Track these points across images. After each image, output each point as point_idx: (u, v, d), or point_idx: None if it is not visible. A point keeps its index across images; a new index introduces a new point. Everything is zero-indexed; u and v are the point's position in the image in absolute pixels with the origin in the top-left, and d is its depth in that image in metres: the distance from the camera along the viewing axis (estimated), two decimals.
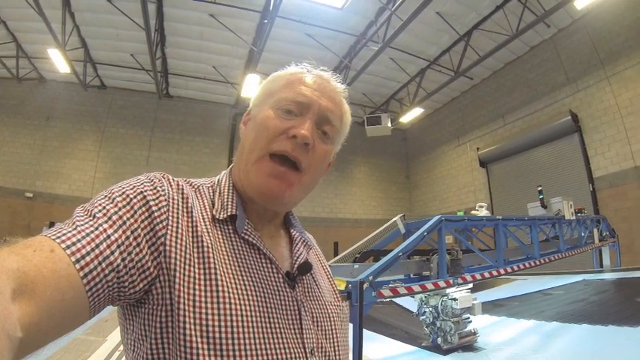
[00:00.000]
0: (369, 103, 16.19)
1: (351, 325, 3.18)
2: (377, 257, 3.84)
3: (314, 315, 0.81)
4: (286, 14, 10.39)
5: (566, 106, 12.07)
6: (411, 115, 15.87)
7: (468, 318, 4.31)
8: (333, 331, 0.84)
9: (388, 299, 3.83)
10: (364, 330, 5.33)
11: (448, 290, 4.12)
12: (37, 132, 14.05)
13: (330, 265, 3.47)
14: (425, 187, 18.66)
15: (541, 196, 6.47)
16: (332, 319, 0.85)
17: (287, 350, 0.71)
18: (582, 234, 7.01)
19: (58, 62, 11.37)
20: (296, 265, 0.84)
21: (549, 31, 12.34)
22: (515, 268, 4.80)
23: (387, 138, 16.26)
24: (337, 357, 0.82)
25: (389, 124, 14.41)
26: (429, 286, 3.64)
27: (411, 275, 4.10)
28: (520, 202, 11.58)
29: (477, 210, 5.31)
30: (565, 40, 12.19)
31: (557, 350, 3.89)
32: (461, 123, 16.38)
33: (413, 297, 4.39)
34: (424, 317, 4.52)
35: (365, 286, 3.07)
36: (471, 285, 4.24)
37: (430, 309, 4.41)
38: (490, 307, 5.97)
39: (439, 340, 4.30)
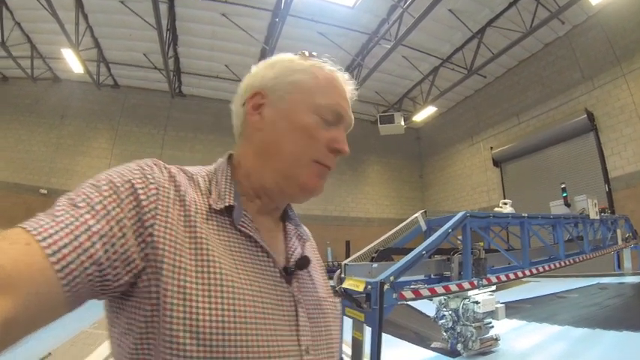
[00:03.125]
0: (382, 102, 16.10)
1: (368, 330, 3.08)
2: (395, 256, 3.73)
3: (309, 311, 0.78)
4: (297, 13, 10.41)
5: (581, 104, 11.85)
6: (425, 114, 15.75)
7: (490, 322, 4.17)
8: (328, 328, 0.82)
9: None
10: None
11: (470, 293, 4.00)
12: (51, 130, 14.25)
13: (346, 264, 3.37)
14: (438, 186, 18.49)
15: (564, 194, 6.30)
16: (327, 315, 0.83)
17: (281, 347, 0.68)
18: (606, 235, 6.84)
19: (72, 62, 11.49)
20: (292, 260, 0.81)
21: (564, 28, 12.10)
22: (541, 269, 4.67)
23: (400, 137, 16.13)
24: (331, 354, 0.80)
25: (402, 123, 14.28)
26: (453, 287, 3.52)
27: (432, 276, 3.98)
28: (535, 202, 11.43)
29: (501, 207, 5.14)
30: (580, 36, 11.95)
31: (570, 355, 3.77)
32: (475, 122, 16.20)
33: (431, 300, 4.29)
34: (443, 321, 4.37)
35: (385, 287, 2.92)
36: (494, 287, 4.12)
37: (450, 312, 4.28)
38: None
39: (459, 345, 4.17)
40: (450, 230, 3.58)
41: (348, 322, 3.50)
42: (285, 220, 0.91)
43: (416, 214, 4.22)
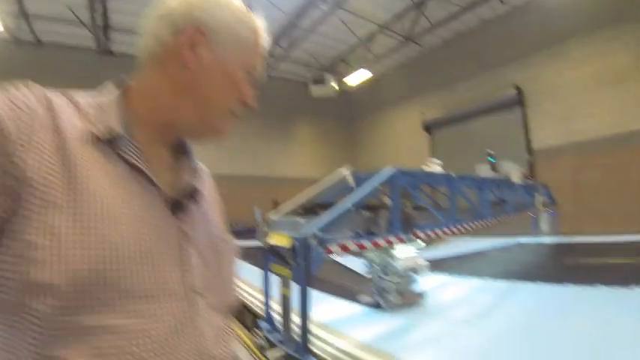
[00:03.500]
0: (316, 64, 15.89)
1: (295, 286, 2.96)
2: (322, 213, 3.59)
3: (201, 250, 0.74)
4: None
5: (511, 80, 12.50)
6: (358, 78, 15.81)
7: (413, 277, 4.16)
8: (222, 269, 0.80)
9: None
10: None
11: (395, 250, 3.96)
12: None
13: (271, 220, 3.19)
14: (369, 148, 18.96)
15: (491, 159, 6.55)
16: (221, 256, 0.81)
17: (162, 284, 0.64)
18: (527, 199, 7.25)
19: None
20: (183, 191, 0.76)
21: (503, 8, 12.50)
22: (467, 227, 4.81)
23: (332, 99, 16.30)
24: (224, 295, 0.79)
25: (334, 85, 14.38)
26: (381, 242, 3.48)
27: (360, 233, 3.91)
28: (462, 168, 11.87)
29: (429, 165, 5.15)
30: (518, 18, 12.44)
31: (491, 306, 3.93)
32: (407, 88, 16.62)
33: (361, 257, 4.24)
34: (371, 276, 4.34)
35: (312, 242, 2.78)
36: (423, 245, 4.15)
37: (376, 267, 4.23)
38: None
39: (380, 299, 4.15)
40: (378, 185, 3.51)
41: (275, 279, 3.37)
42: (181, 154, 0.85)
43: (342, 170, 4.08)
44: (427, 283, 4.33)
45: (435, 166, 4.43)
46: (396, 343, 2.99)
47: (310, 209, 3.78)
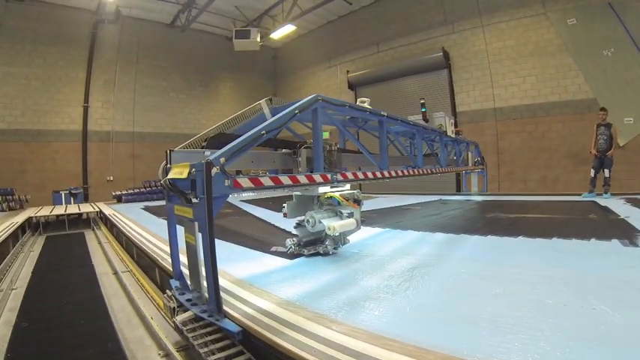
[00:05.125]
0: (241, 17, 14.82)
1: (197, 225, 2.39)
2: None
3: None
4: None
5: (439, 43, 12.67)
6: (283, 32, 15.23)
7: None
8: None
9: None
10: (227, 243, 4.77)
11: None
12: None
13: (172, 151, 2.54)
14: None
15: (424, 109, 6.34)
16: None
17: None
18: (459, 155, 7.21)
19: None
20: None
21: None
22: (400, 172, 4.51)
23: (256, 55, 15.79)
24: None
25: (258, 39, 13.82)
26: (302, 179, 2.98)
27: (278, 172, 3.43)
28: None
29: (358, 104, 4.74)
30: None
31: (409, 253, 3.72)
32: (334, 46, 16.29)
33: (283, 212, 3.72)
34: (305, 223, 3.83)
35: (214, 171, 2.22)
36: (348, 187, 3.76)
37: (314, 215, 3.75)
38: None
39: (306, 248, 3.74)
40: (296, 111, 2.96)
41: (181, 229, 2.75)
42: None
43: (259, 101, 3.52)
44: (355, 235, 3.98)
45: (365, 104, 4.02)
46: (322, 300, 2.53)
47: (222, 143, 3.15)
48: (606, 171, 7.74)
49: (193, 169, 2.24)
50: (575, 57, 10.14)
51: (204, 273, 2.36)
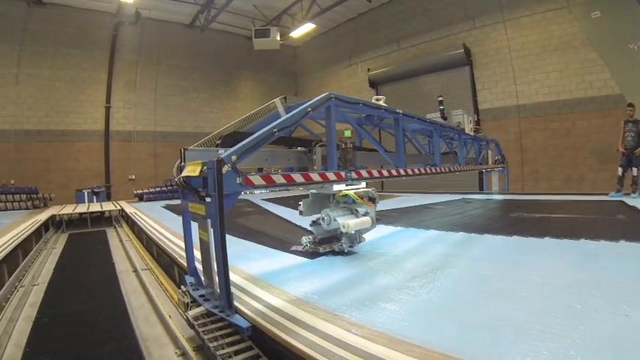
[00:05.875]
0: (260, 17, 14.86)
1: (209, 222, 2.38)
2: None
3: None
4: None
5: (460, 40, 12.45)
6: (302, 30, 15.23)
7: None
8: None
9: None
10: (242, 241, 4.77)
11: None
12: None
13: (185, 150, 2.54)
14: None
15: (441, 107, 6.20)
16: None
17: None
18: (478, 153, 7.04)
19: None
20: None
21: None
22: (416, 170, 4.41)
23: (276, 54, 15.85)
24: None
25: (278, 38, 13.81)
26: (315, 177, 2.93)
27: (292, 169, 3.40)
28: None
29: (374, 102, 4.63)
30: None
31: (432, 253, 3.62)
32: (354, 44, 16.19)
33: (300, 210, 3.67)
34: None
35: (225, 168, 2.22)
36: (363, 184, 3.67)
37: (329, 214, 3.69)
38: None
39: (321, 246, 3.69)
40: (309, 109, 2.91)
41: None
42: None
43: (274, 100, 3.50)
44: (373, 233, 3.91)
45: (380, 102, 3.93)
46: (336, 298, 2.48)
47: (236, 141, 3.13)
48: (634, 169, 7.42)
49: (205, 167, 2.26)
50: (600, 51, 9.80)
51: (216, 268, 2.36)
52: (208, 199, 2.32)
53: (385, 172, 3.91)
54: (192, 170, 2.45)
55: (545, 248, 3.68)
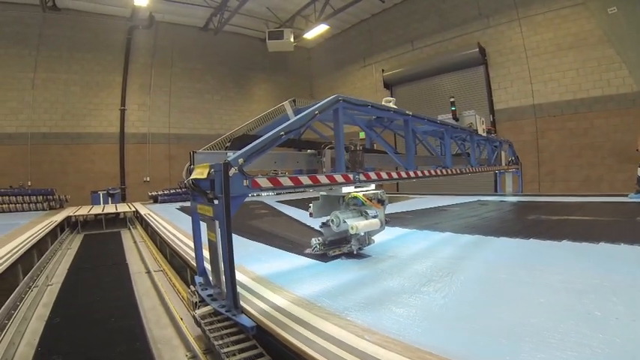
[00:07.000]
0: (274, 19, 14.93)
1: (217, 224, 2.39)
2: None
3: None
4: None
5: (475, 39, 12.28)
6: (316, 32, 15.28)
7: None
8: None
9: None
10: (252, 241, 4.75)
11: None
12: None
13: (195, 153, 2.55)
14: None
15: (453, 108, 6.11)
16: None
17: None
18: (491, 154, 6.93)
19: None
20: None
21: None
22: (426, 172, 4.34)
23: (290, 56, 15.90)
24: None
25: (291, 40, 13.82)
26: (322, 179, 2.90)
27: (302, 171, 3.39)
28: None
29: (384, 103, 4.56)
30: None
31: (446, 256, 3.55)
32: (368, 45, 16.12)
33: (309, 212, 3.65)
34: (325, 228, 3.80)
35: (232, 171, 2.24)
36: (373, 187, 3.63)
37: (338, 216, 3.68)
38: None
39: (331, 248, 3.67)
40: (316, 112, 2.89)
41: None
42: None
43: (283, 102, 3.49)
44: (383, 233, 3.86)
45: (390, 104, 3.88)
46: (343, 300, 2.45)
47: (245, 144, 3.14)
48: None
49: (212, 170, 2.30)
50: (618, 48, 9.55)
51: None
52: (216, 201, 2.35)
53: (394, 174, 3.86)
54: (200, 173, 2.48)
55: (563, 252, 3.58)
